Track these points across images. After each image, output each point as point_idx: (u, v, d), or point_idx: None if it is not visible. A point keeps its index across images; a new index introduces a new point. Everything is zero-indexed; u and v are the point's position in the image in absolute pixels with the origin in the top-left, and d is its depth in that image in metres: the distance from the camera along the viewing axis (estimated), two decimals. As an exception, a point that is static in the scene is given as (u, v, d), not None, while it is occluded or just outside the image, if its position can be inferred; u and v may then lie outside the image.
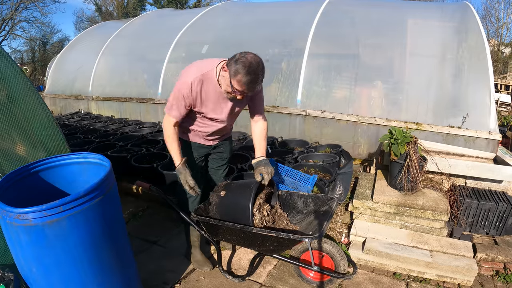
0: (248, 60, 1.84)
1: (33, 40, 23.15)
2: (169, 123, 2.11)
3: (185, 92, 2.00)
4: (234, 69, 1.85)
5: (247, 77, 1.83)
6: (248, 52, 1.89)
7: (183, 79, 2.01)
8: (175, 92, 2.04)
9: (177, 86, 2.03)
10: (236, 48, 6.01)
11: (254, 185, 2.09)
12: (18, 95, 2.05)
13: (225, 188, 2.21)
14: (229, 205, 2.13)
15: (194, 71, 2.02)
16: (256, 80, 1.86)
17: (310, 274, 2.43)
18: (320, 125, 4.55)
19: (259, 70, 1.86)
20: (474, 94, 3.91)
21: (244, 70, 1.82)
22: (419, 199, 2.88)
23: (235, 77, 1.86)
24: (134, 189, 3.79)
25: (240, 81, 1.85)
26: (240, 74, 1.83)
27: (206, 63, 2.06)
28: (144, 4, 26.11)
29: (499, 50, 20.97)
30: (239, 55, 1.88)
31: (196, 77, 1.99)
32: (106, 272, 1.72)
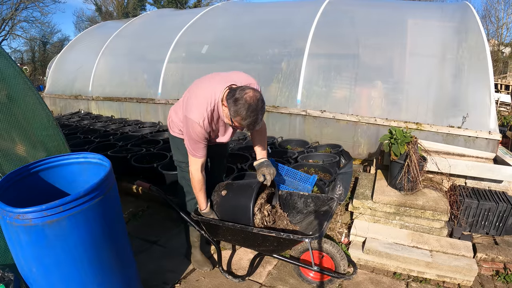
0: (248, 101, 1.81)
1: (33, 40, 23.17)
2: (197, 166, 2.09)
3: (199, 132, 1.98)
4: (234, 110, 1.84)
5: (247, 120, 1.84)
6: (247, 89, 1.86)
7: (192, 123, 1.96)
8: (190, 136, 2.01)
9: (190, 129, 1.99)
10: (236, 48, 6.06)
11: (255, 185, 2.09)
12: (18, 95, 2.05)
13: (226, 188, 2.21)
14: (230, 205, 2.14)
15: (200, 108, 1.96)
16: (256, 121, 1.87)
17: (310, 274, 2.43)
18: (320, 125, 4.55)
19: (259, 110, 1.85)
20: (474, 94, 3.90)
21: (244, 113, 1.82)
22: (419, 199, 2.88)
23: (235, 118, 1.87)
24: (134, 189, 3.79)
25: (241, 122, 1.87)
26: (239, 117, 1.84)
27: (208, 94, 1.99)
28: (144, 4, 26.11)
29: (499, 50, 20.98)
30: (238, 93, 1.84)
31: (204, 116, 1.96)
32: (106, 272, 1.72)
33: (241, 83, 2.02)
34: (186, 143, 2.09)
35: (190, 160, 2.12)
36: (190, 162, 2.12)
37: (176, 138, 2.34)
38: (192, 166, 2.11)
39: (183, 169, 2.39)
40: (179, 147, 2.33)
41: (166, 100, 5.80)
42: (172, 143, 2.43)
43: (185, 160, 2.30)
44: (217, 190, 2.24)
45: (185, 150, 2.30)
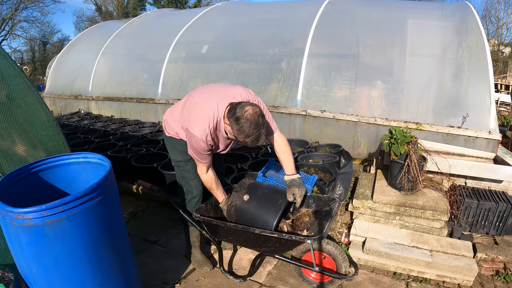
0: (249, 119, 1.86)
1: (33, 40, 23.16)
2: (205, 169, 2.19)
3: (203, 147, 2.06)
4: (237, 129, 1.90)
5: (251, 137, 1.90)
6: (246, 106, 1.90)
7: (195, 138, 2.03)
8: (194, 149, 2.09)
9: (192, 142, 2.06)
10: (236, 48, 6.06)
11: (283, 203, 2.09)
12: (18, 95, 2.05)
13: (249, 192, 2.19)
14: (250, 213, 2.13)
15: (203, 124, 2.02)
16: (259, 136, 1.92)
17: (312, 274, 2.42)
18: (320, 125, 4.55)
19: (260, 125, 1.89)
20: (474, 94, 3.90)
21: (247, 131, 1.87)
22: (419, 199, 2.88)
23: (239, 136, 1.92)
24: (134, 189, 3.79)
25: (245, 139, 1.92)
26: (243, 135, 1.89)
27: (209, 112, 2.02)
28: (144, 4, 26.12)
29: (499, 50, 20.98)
30: (239, 112, 1.88)
31: (207, 132, 2.02)
32: (106, 272, 1.72)
33: (240, 98, 2.07)
34: (190, 152, 2.16)
35: (197, 166, 2.23)
36: (198, 168, 2.23)
37: (172, 138, 2.34)
38: (200, 170, 2.21)
39: (182, 168, 2.39)
40: (177, 147, 2.33)
41: (166, 100, 5.80)
42: (168, 144, 2.43)
43: (184, 159, 2.31)
44: (239, 190, 2.25)
45: (183, 149, 2.31)
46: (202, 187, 2.44)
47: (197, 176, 2.39)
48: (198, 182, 2.41)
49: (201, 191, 2.45)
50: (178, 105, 2.33)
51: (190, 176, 2.39)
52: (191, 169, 2.36)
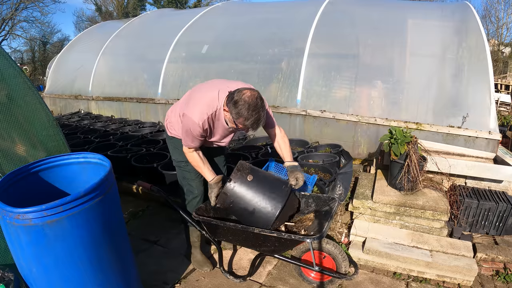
0: (247, 101, 1.84)
1: (33, 40, 23.16)
2: (191, 152, 2.17)
3: (197, 132, 2.04)
4: (235, 113, 1.87)
5: (250, 120, 1.86)
6: (244, 90, 1.89)
7: (192, 122, 2.01)
8: (188, 132, 2.06)
9: (188, 126, 2.04)
10: (236, 48, 6.06)
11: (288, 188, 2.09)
12: (18, 95, 2.05)
13: (251, 173, 2.09)
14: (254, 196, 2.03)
15: (200, 110, 2.01)
16: (259, 118, 1.89)
17: (311, 274, 2.43)
18: (320, 125, 4.55)
19: (259, 107, 1.87)
20: (474, 94, 3.90)
21: (246, 113, 1.84)
22: (419, 199, 2.88)
23: (238, 120, 1.89)
24: (134, 189, 3.79)
25: (244, 123, 1.89)
26: (242, 118, 1.86)
27: (209, 100, 2.03)
28: (144, 4, 26.12)
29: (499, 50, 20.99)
30: (236, 96, 1.87)
31: (203, 119, 2.01)
32: (106, 272, 1.72)
33: None
34: (183, 136, 2.12)
35: (184, 147, 2.18)
36: (185, 151, 2.19)
37: (174, 138, 2.35)
38: (187, 153, 2.18)
39: (183, 169, 2.39)
40: (178, 147, 2.33)
41: (166, 100, 5.80)
42: (169, 144, 2.44)
43: (185, 159, 2.31)
44: (241, 170, 2.10)
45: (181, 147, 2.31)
46: (203, 187, 2.44)
47: (199, 177, 2.39)
48: (200, 183, 2.42)
49: (202, 192, 2.44)
50: (178, 103, 2.33)
51: (192, 176, 2.39)
52: (192, 170, 2.35)
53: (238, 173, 2.07)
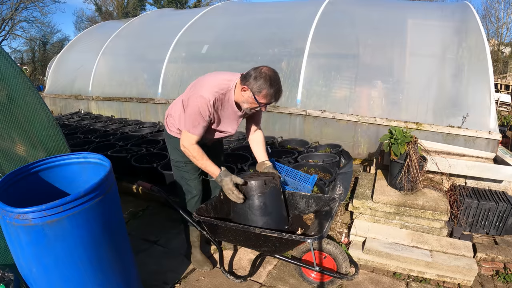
0: (267, 73, 1.91)
1: (33, 40, 23.17)
2: (191, 142, 2.05)
3: (205, 111, 1.98)
4: (257, 86, 1.91)
5: (272, 89, 1.93)
6: (261, 66, 1.95)
7: (200, 98, 1.96)
8: (194, 110, 1.98)
9: (195, 104, 1.97)
10: (236, 48, 6.05)
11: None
12: (18, 95, 2.04)
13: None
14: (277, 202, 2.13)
15: (210, 88, 1.99)
16: (279, 89, 1.97)
17: (312, 274, 2.42)
18: (320, 125, 4.55)
19: (278, 80, 1.97)
20: (474, 94, 3.91)
21: (267, 84, 1.90)
22: (419, 199, 2.88)
23: (261, 93, 1.93)
24: (134, 189, 3.79)
25: (267, 95, 1.93)
26: (265, 89, 1.91)
27: (220, 80, 2.03)
28: (144, 4, 26.13)
29: (499, 50, 20.99)
30: (254, 72, 1.93)
31: (214, 96, 1.98)
32: (106, 272, 1.72)
33: None
34: (186, 120, 2.03)
35: (184, 137, 2.06)
36: (184, 138, 2.06)
37: (174, 138, 2.32)
38: (186, 141, 2.05)
39: (181, 169, 2.37)
40: (178, 147, 2.30)
41: (166, 100, 5.80)
42: (169, 143, 2.40)
43: (184, 160, 2.30)
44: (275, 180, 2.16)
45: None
46: (201, 186, 2.44)
47: (197, 177, 2.39)
48: (198, 182, 2.41)
49: (200, 191, 2.44)
50: (180, 96, 2.29)
51: (190, 176, 2.38)
52: (191, 170, 2.35)
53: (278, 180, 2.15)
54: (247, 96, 1.98)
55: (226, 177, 2.02)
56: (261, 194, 2.06)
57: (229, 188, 2.00)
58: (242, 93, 2.00)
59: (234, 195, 2.01)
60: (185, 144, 2.07)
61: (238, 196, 2.00)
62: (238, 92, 2.03)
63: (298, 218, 2.32)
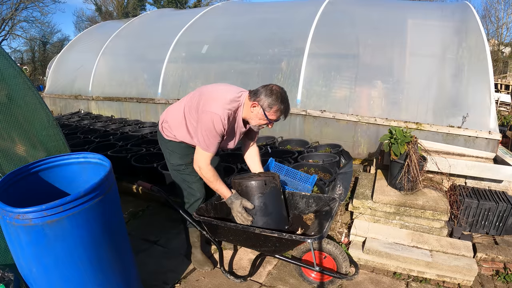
0: (278, 91, 1.99)
1: (33, 40, 23.17)
2: (206, 162, 2.06)
3: (220, 128, 2.00)
4: (269, 103, 1.97)
5: (282, 106, 2.00)
6: (271, 84, 2.03)
7: (215, 116, 1.96)
8: (209, 127, 1.98)
9: (209, 121, 1.97)
10: (236, 48, 6.05)
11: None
12: (18, 95, 2.04)
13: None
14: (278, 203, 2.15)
15: (223, 105, 1.99)
16: (289, 106, 2.05)
17: (312, 274, 2.42)
18: (320, 125, 4.55)
19: (287, 97, 2.04)
20: (474, 94, 3.91)
21: (278, 101, 1.98)
22: (419, 199, 2.88)
23: (271, 109, 1.99)
24: (134, 189, 3.79)
25: (277, 110, 2.00)
26: (275, 106, 1.98)
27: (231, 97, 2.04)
28: (144, 4, 26.13)
29: (499, 50, 21.00)
30: (265, 89, 1.99)
31: (227, 114, 1.99)
32: (106, 272, 1.72)
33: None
34: (200, 137, 2.02)
35: (199, 155, 2.06)
36: (199, 157, 2.06)
37: (171, 142, 2.27)
38: (202, 161, 2.05)
39: (182, 172, 2.33)
40: (176, 150, 2.28)
41: (166, 100, 5.80)
42: (166, 147, 2.33)
43: (184, 162, 2.28)
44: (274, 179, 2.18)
45: (183, 152, 2.26)
46: (204, 189, 2.40)
47: (199, 179, 2.34)
48: (201, 185, 2.37)
49: (204, 194, 2.40)
50: (179, 103, 2.25)
51: (192, 179, 2.33)
52: (193, 172, 2.29)
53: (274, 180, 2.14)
54: (257, 112, 2.02)
55: (237, 200, 2.07)
56: (261, 194, 2.06)
57: (238, 211, 2.06)
58: (251, 109, 2.03)
59: (243, 217, 2.05)
60: (200, 165, 2.07)
61: (247, 218, 2.05)
62: (247, 109, 2.06)
63: (298, 218, 2.32)
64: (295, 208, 2.36)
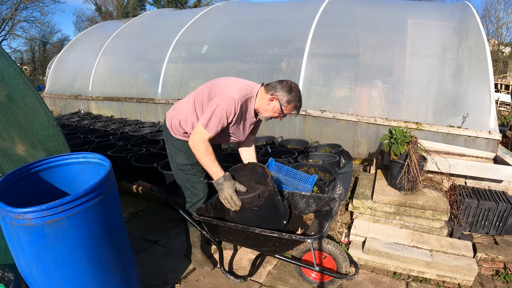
0: (297, 88, 2.08)
1: (33, 40, 23.18)
2: (203, 139, 1.98)
3: (231, 110, 1.97)
4: (287, 99, 2.04)
5: (299, 103, 2.10)
6: (288, 80, 2.09)
7: (229, 99, 1.95)
8: (220, 109, 1.95)
9: (223, 103, 1.95)
10: (236, 48, 6.05)
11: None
12: (18, 95, 2.04)
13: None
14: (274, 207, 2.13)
15: (237, 91, 2.01)
16: (301, 104, 2.15)
17: (312, 274, 2.42)
18: (320, 125, 4.55)
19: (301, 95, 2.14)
20: (474, 94, 3.91)
21: (297, 98, 2.07)
22: (419, 199, 2.88)
23: (289, 105, 2.06)
24: (134, 189, 3.79)
25: (294, 107, 2.09)
26: (293, 102, 2.06)
27: (244, 86, 2.08)
28: (144, 4, 26.13)
29: (499, 50, 21.00)
30: (283, 86, 2.04)
31: (241, 99, 2.00)
32: (106, 272, 1.72)
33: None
34: (206, 115, 1.97)
35: (196, 130, 2.00)
36: (195, 132, 2.00)
37: (179, 140, 2.25)
38: (197, 136, 1.98)
39: (187, 172, 2.31)
40: (183, 149, 2.25)
41: (166, 100, 5.80)
42: (174, 146, 2.30)
43: (190, 162, 2.27)
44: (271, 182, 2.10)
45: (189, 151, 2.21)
46: (208, 189, 2.40)
47: (203, 180, 2.36)
48: (205, 185, 2.37)
49: (207, 193, 2.39)
50: (187, 98, 2.23)
51: (197, 179, 2.33)
52: (198, 172, 2.30)
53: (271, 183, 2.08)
54: (273, 105, 2.06)
55: (229, 182, 1.97)
56: (256, 208, 2.01)
57: (229, 193, 1.94)
58: (268, 102, 2.06)
59: (232, 201, 1.95)
60: (195, 139, 2.00)
61: (236, 203, 1.95)
62: (262, 101, 2.09)
63: (298, 218, 2.32)
64: (295, 208, 2.36)
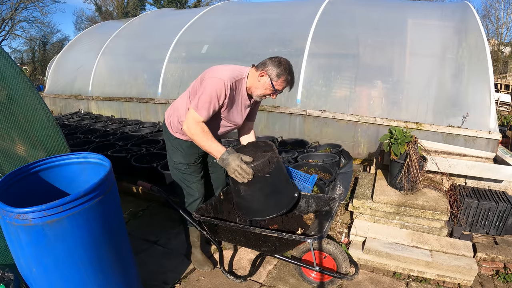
0: (286, 62, 2.05)
1: (33, 40, 23.18)
2: (197, 120, 1.95)
3: (221, 93, 1.96)
4: (277, 73, 2.01)
5: (289, 77, 2.06)
6: (278, 56, 2.07)
7: (218, 80, 1.94)
8: (210, 90, 1.93)
9: (212, 84, 1.94)
10: (236, 48, 6.05)
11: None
12: (18, 95, 2.04)
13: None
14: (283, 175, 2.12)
15: (226, 73, 2.01)
16: (294, 79, 2.11)
17: (312, 274, 2.42)
18: (320, 125, 4.55)
19: (293, 70, 2.10)
20: (474, 93, 3.91)
21: (286, 72, 2.03)
22: (419, 199, 2.88)
23: (279, 79, 2.03)
24: (134, 189, 3.79)
25: (284, 81, 2.05)
26: (283, 76, 2.03)
27: (234, 68, 2.10)
28: (144, 4, 26.14)
29: (499, 50, 21.00)
30: (273, 61, 2.02)
31: (230, 81, 2.00)
32: (106, 272, 1.72)
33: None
34: (196, 99, 1.95)
35: (188, 115, 1.98)
36: (188, 116, 1.97)
37: (178, 139, 2.27)
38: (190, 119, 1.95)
39: (183, 171, 2.33)
40: (181, 148, 2.27)
41: (166, 100, 5.80)
42: (170, 144, 2.32)
43: (187, 162, 2.28)
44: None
45: (188, 151, 2.24)
46: (204, 190, 2.40)
47: (200, 179, 2.35)
48: (201, 185, 2.38)
49: (203, 194, 2.39)
50: (182, 94, 2.26)
51: (192, 179, 2.33)
52: (194, 172, 2.31)
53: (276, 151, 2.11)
54: (264, 81, 2.04)
55: (233, 154, 1.90)
56: (268, 175, 1.91)
57: (237, 164, 1.84)
58: (259, 78, 2.05)
59: (242, 170, 1.83)
60: (189, 122, 1.96)
61: (247, 171, 1.83)
62: (253, 79, 2.08)
63: (298, 218, 2.32)
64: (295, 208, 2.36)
